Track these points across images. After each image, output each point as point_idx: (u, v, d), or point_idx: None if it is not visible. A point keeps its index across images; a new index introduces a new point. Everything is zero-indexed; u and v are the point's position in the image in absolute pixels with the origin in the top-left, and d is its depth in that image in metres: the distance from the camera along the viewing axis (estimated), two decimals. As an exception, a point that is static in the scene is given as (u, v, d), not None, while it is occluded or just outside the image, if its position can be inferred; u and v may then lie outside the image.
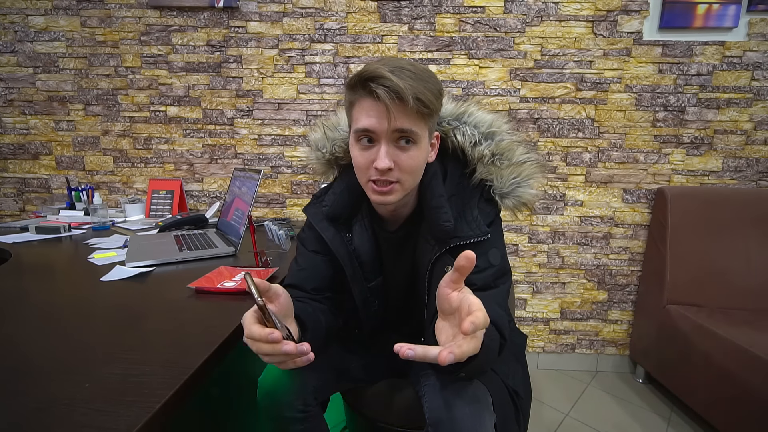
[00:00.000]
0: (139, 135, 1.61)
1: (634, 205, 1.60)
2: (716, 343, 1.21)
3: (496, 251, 0.64)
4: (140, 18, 1.53)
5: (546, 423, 1.37)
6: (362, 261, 0.71)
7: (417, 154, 0.59)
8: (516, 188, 0.66)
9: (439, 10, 1.49)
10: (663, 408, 1.46)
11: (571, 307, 1.68)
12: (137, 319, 0.62)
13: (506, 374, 0.68)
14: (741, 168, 1.55)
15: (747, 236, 1.44)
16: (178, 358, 0.50)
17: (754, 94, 1.50)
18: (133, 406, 0.39)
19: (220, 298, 0.70)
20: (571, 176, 1.58)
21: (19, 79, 1.58)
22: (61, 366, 0.47)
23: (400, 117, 0.55)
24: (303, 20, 1.51)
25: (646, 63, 1.49)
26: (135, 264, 0.86)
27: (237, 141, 1.61)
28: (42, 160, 1.64)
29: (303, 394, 0.65)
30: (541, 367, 1.71)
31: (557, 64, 1.51)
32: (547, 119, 1.55)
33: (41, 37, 1.55)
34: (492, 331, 0.54)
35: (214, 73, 1.56)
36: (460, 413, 0.56)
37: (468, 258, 0.42)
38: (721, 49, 1.47)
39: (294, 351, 0.45)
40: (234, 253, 0.98)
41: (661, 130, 1.54)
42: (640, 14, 1.46)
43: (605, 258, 1.63)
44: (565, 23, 1.48)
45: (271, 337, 0.44)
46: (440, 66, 1.52)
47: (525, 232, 1.63)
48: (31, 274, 0.84)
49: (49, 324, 0.60)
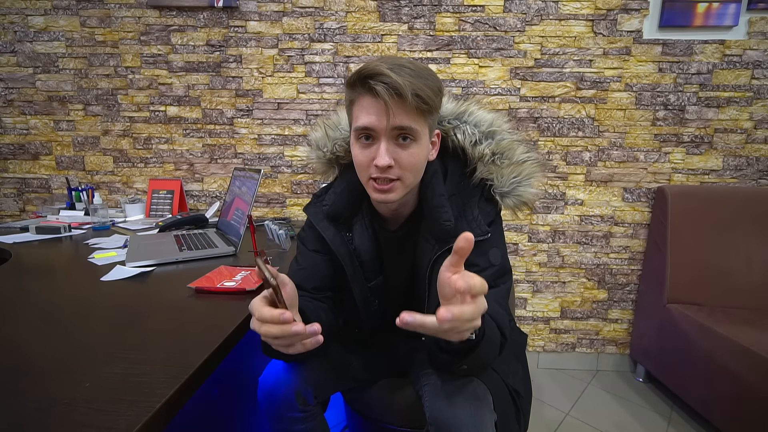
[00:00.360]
0: (139, 135, 1.61)
1: (635, 204, 1.59)
2: (716, 342, 1.21)
3: (496, 251, 0.64)
4: (140, 18, 1.53)
5: (546, 422, 1.37)
6: (362, 260, 0.71)
7: (417, 152, 0.59)
8: (516, 187, 0.66)
9: (439, 9, 1.48)
10: (663, 407, 1.46)
11: (571, 306, 1.68)
12: (137, 318, 0.62)
13: (507, 373, 0.68)
14: (741, 167, 1.55)
15: (747, 235, 1.44)
16: (178, 357, 0.50)
17: (754, 93, 1.49)
18: (134, 406, 0.39)
19: (221, 298, 0.70)
20: (571, 175, 1.58)
21: (19, 79, 1.57)
22: (61, 366, 0.47)
23: (400, 114, 0.55)
24: (303, 20, 1.51)
25: (646, 62, 1.49)
26: (135, 264, 0.87)
27: (237, 141, 1.61)
28: (42, 160, 1.64)
29: (303, 393, 0.65)
30: (542, 366, 1.71)
31: (557, 63, 1.51)
32: (547, 118, 1.55)
33: (41, 37, 1.55)
34: (493, 327, 0.54)
35: (214, 73, 1.56)
36: (461, 412, 0.56)
37: (467, 239, 0.41)
38: (721, 47, 1.47)
39: (303, 331, 0.44)
40: (234, 252, 0.98)
41: (661, 128, 1.54)
42: (640, 13, 1.46)
43: (605, 257, 1.63)
44: (565, 22, 1.48)
45: (282, 317, 0.43)
46: (440, 65, 1.52)
47: (525, 232, 1.63)
48: (32, 274, 0.84)
49: (49, 324, 0.60)
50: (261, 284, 0.73)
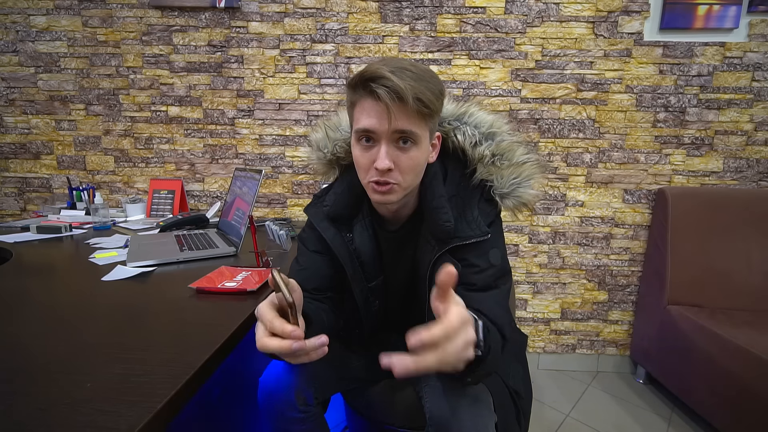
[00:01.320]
0: (140, 135, 1.62)
1: (635, 206, 1.59)
2: (717, 344, 1.21)
3: (496, 251, 0.64)
4: (141, 18, 1.53)
5: (547, 423, 1.37)
6: (363, 261, 0.71)
7: (417, 155, 0.59)
8: (516, 188, 0.66)
9: (440, 10, 1.49)
10: (663, 408, 1.46)
11: (571, 308, 1.68)
12: (138, 318, 0.63)
13: (507, 375, 0.68)
14: (741, 168, 1.55)
15: (748, 237, 1.44)
16: (179, 357, 0.50)
17: (754, 95, 1.49)
18: (135, 406, 0.39)
19: (221, 298, 0.70)
20: (571, 177, 1.58)
21: (21, 79, 1.58)
22: (62, 366, 0.47)
23: (401, 117, 0.55)
24: (304, 20, 1.51)
25: (647, 64, 1.49)
26: (136, 264, 0.87)
27: (238, 141, 1.61)
28: (43, 160, 1.65)
29: (304, 394, 0.65)
30: (542, 368, 1.71)
31: (558, 64, 1.51)
32: (548, 120, 1.55)
33: (43, 36, 1.55)
34: (497, 338, 0.53)
35: (216, 73, 1.56)
36: (461, 413, 0.57)
37: (449, 273, 0.39)
38: (722, 50, 1.47)
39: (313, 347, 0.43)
40: (235, 253, 0.98)
41: (662, 130, 1.54)
42: (640, 15, 1.46)
43: (606, 258, 1.63)
44: (566, 24, 1.48)
45: (294, 334, 0.43)
46: (441, 66, 1.52)
47: (526, 233, 1.63)
48: (32, 273, 0.85)
49: (50, 324, 0.60)
50: (261, 285, 0.73)
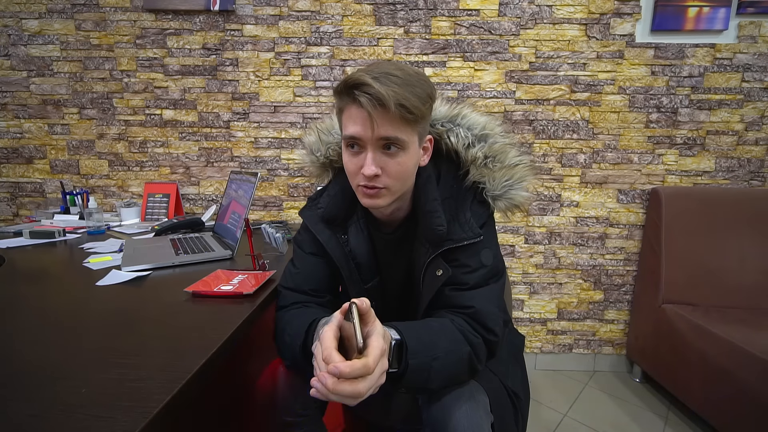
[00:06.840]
0: (134, 138, 1.61)
1: (629, 206, 1.61)
2: (712, 342, 1.22)
3: (488, 251, 0.64)
4: (135, 21, 1.52)
5: (544, 423, 1.37)
6: (359, 262, 0.71)
7: (405, 160, 0.59)
8: (508, 191, 0.66)
9: (435, 13, 1.49)
10: (660, 407, 1.47)
11: (568, 308, 1.68)
12: (134, 323, 0.62)
13: (505, 375, 0.68)
14: (733, 168, 1.57)
15: (740, 235, 1.46)
16: (175, 362, 0.49)
17: (744, 96, 1.52)
18: (130, 411, 0.39)
19: (218, 302, 0.70)
20: (566, 177, 1.60)
21: (13, 83, 1.57)
22: (56, 371, 0.47)
23: (384, 124, 0.55)
24: (299, 23, 1.51)
25: (639, 65, 1.51)
26: (131, 268, 0.86)
27: (233, 144, 1.61)
28: (36, 164, 1.63)
29: (301, 397, 0.65)
30: (539, 368, 1.72)
31: (551, 66, 1.52)
32: (542, 121, 1.56)
33: (35, 40, 1.54)
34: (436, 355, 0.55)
35: (210, 76, 1.56)
36: (457, 414, 0.57)
37: (361, 302, 0.48)
38: (712, 51, 1.49)
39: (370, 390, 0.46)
40: (231, 256, 0.98)
41: (655, 131, 1.55)
42: (632, 17, 1.48)
43: (601, 258, 1.65)
44: (559, 26, 1.49)
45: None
46: (436, 68, 1.53)
47: (521, 233, 1.64)
48: (26, 279, 0.84)
49: (44, 329, 0.59)
50: (257, 288, 0.73)
